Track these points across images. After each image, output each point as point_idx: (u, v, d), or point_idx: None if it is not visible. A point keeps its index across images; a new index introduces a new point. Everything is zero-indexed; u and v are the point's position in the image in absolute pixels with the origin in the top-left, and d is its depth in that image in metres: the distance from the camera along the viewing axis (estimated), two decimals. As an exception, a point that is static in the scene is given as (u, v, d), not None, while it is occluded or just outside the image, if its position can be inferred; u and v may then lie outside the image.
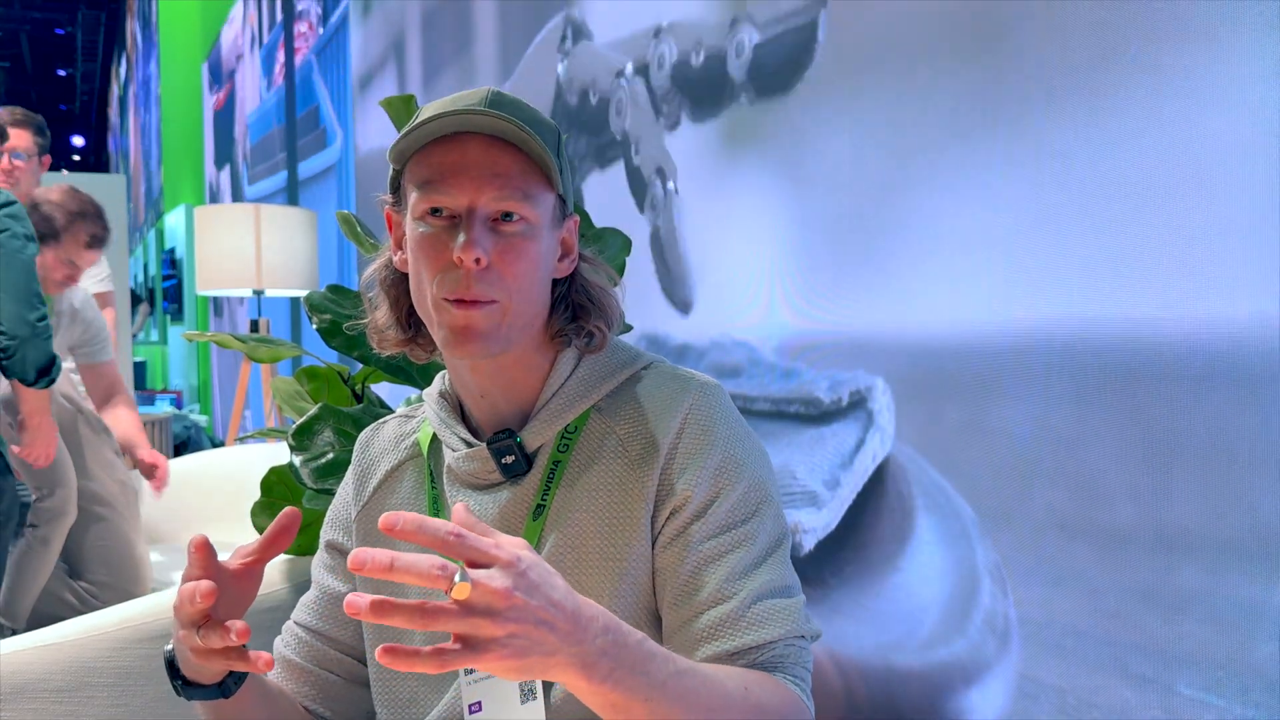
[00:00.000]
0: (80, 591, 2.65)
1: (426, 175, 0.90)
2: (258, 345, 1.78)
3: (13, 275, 2.23)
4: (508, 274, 0.89)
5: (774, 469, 0.99)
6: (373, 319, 1.00)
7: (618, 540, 0.92)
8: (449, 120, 0.88)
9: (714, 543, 0.91)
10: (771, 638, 0.89)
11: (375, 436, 1.09)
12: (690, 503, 0.92)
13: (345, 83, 4.65)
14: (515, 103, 0.92)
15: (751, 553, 0.91)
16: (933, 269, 1.55)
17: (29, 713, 1.48)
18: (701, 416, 0.94)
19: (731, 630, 0.89)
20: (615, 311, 0.99)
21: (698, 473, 0.92)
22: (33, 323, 2.23)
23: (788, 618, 0.90)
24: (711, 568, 0.90)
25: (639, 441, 0.94)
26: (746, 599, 0.89)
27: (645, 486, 0.92)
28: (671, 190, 2.18)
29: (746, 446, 0.95)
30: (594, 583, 0.92)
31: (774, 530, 0.94)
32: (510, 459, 0.95)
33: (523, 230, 0.90)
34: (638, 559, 0.92)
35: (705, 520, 0.91)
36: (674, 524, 0.92)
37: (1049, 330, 1.36)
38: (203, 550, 0.84)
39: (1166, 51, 1.21)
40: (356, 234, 1.74)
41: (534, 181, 0.90)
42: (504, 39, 3.03)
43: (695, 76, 2.11)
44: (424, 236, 0.90)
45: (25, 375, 2.26)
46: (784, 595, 0.91)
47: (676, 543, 0.92)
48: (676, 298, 2.19)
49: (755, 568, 0.91)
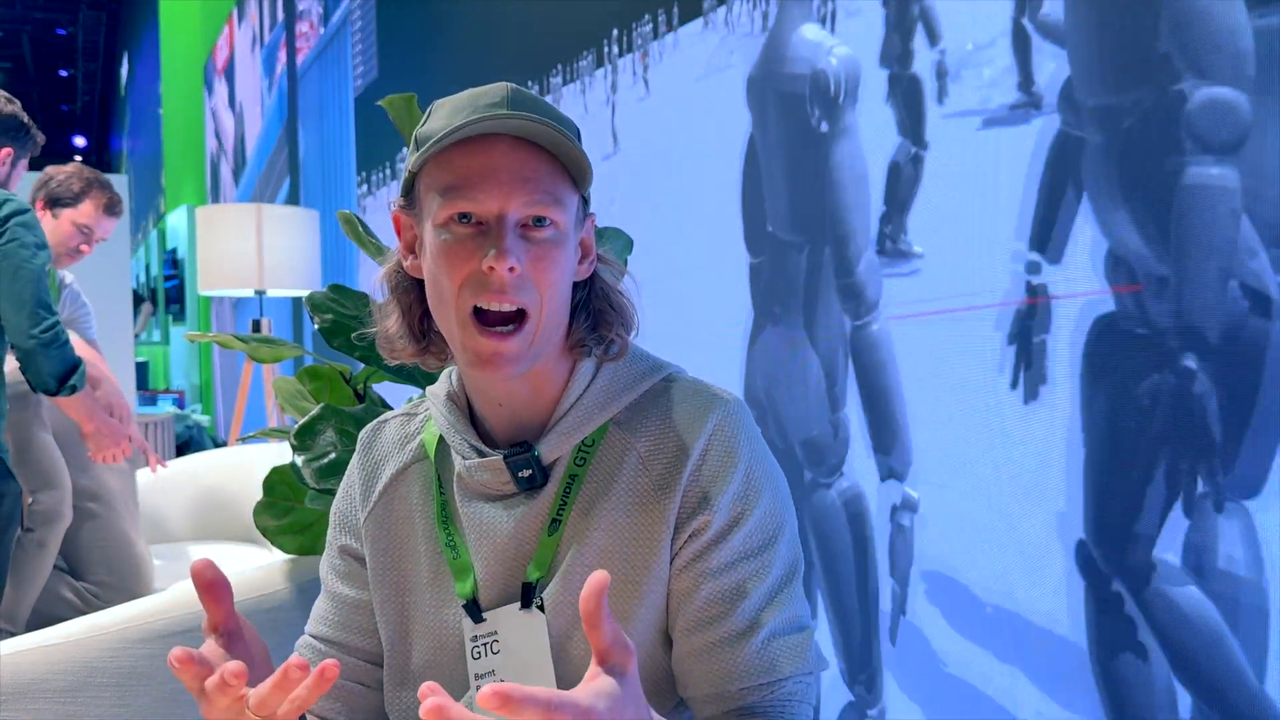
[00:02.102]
0: (82, 591, 2.64)
1: (450, 180, 0.85)
2: (259, 345, 1.78)
3: (17, 287, 2.19)
4: (541, 282, 0.86)
5: (789, 492, 0.97)
6: (383, 328, 0.96)
7: (637, 562, 0.90)
8: (480, 124, 0.83)
9: (731, 572, 0.89)
10: (783, 675, 0.89)
11: (377, 437, 1.05)
12: (710, 528, 0.89)
13: (347, 89, 4.65)
14: (536, 100, 0.88)
15: (767, 583, 0.90)
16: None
17: (31, 713, 1.47)
18: (726, 437, 0.91)
19: (746, 669, 0.88)
20: (633, 314, 0.95)
21: (720, 497, 0.89)
22: (37, 335, 2.19)
23: (799, 654, 0.90)
24: (727, 598, 0.89)
25: (662, 460, 0.91)
26: (762, 635, 0.88)
27: (667, 508, 0.89)
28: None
29: (766, 468, 0.93)
30: (612, 604, 0.89)
31: (789, 558, 0.92)
32: (527, 473, 0.92)
33: (553, 236, 0.86)
34: (656, 581, 0.90)
35: (723, 546, 0.89)
36: (692, 547, 0.89)
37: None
38: (211, 589, 0.78)
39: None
40: (358, 234, 1.74)
41: (562, 184, 0.87)
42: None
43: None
44: (448, 245, 0.86)
45: (47, 386, 2.24)
46: (797, 630, 0.90)
47: (693, 567, 0.89)
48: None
49: (770, 600, 0.90)
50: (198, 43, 9.46)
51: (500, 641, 0.92)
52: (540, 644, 0.90)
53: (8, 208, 2.24)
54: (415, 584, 0.97)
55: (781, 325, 1.93)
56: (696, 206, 2.18)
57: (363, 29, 4.43)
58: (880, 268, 1.70)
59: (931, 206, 1.60)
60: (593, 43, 2.57)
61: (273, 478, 1.75)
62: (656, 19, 2.28)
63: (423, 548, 0.97)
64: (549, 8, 2.80)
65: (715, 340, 2.12)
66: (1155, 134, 1.25)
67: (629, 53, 2.40)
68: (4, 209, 2.23)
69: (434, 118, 0.88)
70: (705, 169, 2.15)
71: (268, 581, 1.75)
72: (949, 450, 1.58)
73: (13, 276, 2.19)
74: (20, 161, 2.53)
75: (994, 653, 1.50)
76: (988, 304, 1.49)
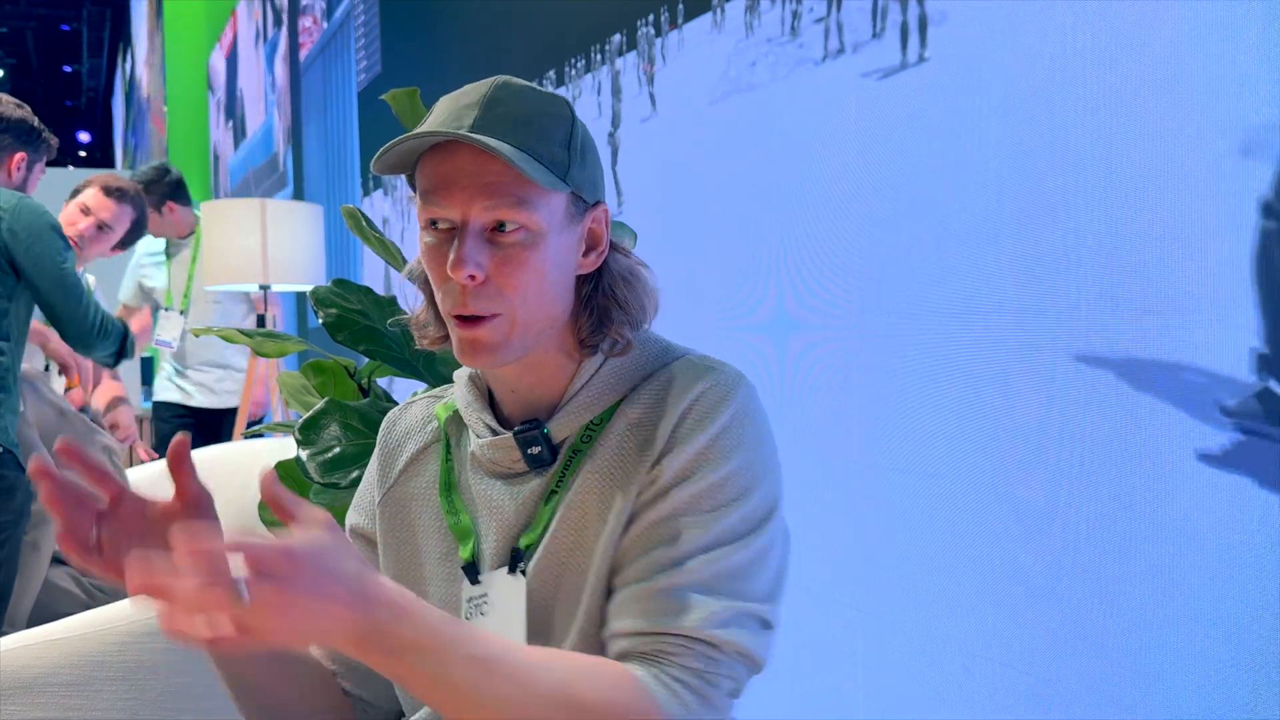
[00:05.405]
0: (85, 584, 2.64)
1: (425, 185, 0.88)
2: (264, 340, 1.78)
3: (59, 295, 2.36)
4: (507, 286, 0.87)
5: (782, 483, 0.94)
6: (415, 314, 0.99)
7: (611, 525, 0.90)
8: (435, 137, 0.85)
9: (670, 522, 0.87)
10: (667, 629, 0.84)
11: (402, 416, 1.08)
12: (659, 480, 0.88)
13: (350, 85, 4.65)
14: (519, 97, 0.89)
15: (707, 539, 0.86)
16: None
17: (37, 708, 1.48)
18: (708, 403, 0.90)
19: (635, 608, 0.85)
20: (643, 307, 0.95)
21: (680, 454, 0.88)
22: (95, 327, 2.44)
23: (705, 617, 0.84)
24: (659, 541, 0.87)
25: (648, 425, 0.91)
26: (683, 580, 0.85)
27: (641, 467, 0.90)
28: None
29: (743, 439, 0.89)
30: (590, 564, 0.90)
31: (742, 529, 0.87)
32: (536, 450, 0.93)
33: (522, 239, 0.87)
34: (612, 535, 0.90)
35: (668, 498, 0.88)
36: (642, 499, 0.89)
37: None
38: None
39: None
40: (362, 229, 1.74)
41: (532, 186, 0.86)
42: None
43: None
44: (428, 247, 0.89)
45: (107, 363, 2.56)
46: (725, 597, 0.85)
47: (639, 518, 0.89)
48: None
49: (704, 554, 0.85)
50: (201, 38, 9.47)
51: (489, 603, 0.94)
52: (518, 607, 0.92)
53: (23, 218, 2.27)
54: (427, 558, 1.00)
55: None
56: (704, 201, 2.17)
57: (365, 23, 4.43)
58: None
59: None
60: (598, 37, 2.56)
61: (277, 472, 1.75)
62: (658, 16, 2.27)
63: (436, 523, 1.00)
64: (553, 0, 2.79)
65: (724, 336, 2.11)
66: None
67: (631, 50, 2.39)
68: (20, 219, 2.27)
69: (430, 115, 0.90)
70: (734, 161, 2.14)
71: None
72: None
73: (58, 285, 2.36)
74: (36, 165, 2.56)
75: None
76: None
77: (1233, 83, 1.16)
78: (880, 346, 1.69)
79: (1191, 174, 1.21)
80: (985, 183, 1.49)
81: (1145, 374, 1.27)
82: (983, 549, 1.50)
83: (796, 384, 1.88)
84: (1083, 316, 1.34)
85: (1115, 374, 1.31)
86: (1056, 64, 1.37)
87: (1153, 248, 1.26)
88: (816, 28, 1.81)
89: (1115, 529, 1.30)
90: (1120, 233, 1.29)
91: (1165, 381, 1.25)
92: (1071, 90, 1.35)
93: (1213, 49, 1.18)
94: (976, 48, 1.49)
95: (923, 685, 1.62)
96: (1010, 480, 1.45)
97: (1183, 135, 1.22)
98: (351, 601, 0.71)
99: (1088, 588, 1.34)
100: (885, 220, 1.67)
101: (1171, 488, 1.24)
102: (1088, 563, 1.34)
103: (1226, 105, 1.17)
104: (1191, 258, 1.21)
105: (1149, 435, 1.26)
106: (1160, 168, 1.25)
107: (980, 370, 1.50)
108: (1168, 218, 1.24)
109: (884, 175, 1.67)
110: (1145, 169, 1.26)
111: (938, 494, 1.58)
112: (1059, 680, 1.38)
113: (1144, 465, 1.27)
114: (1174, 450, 1.23)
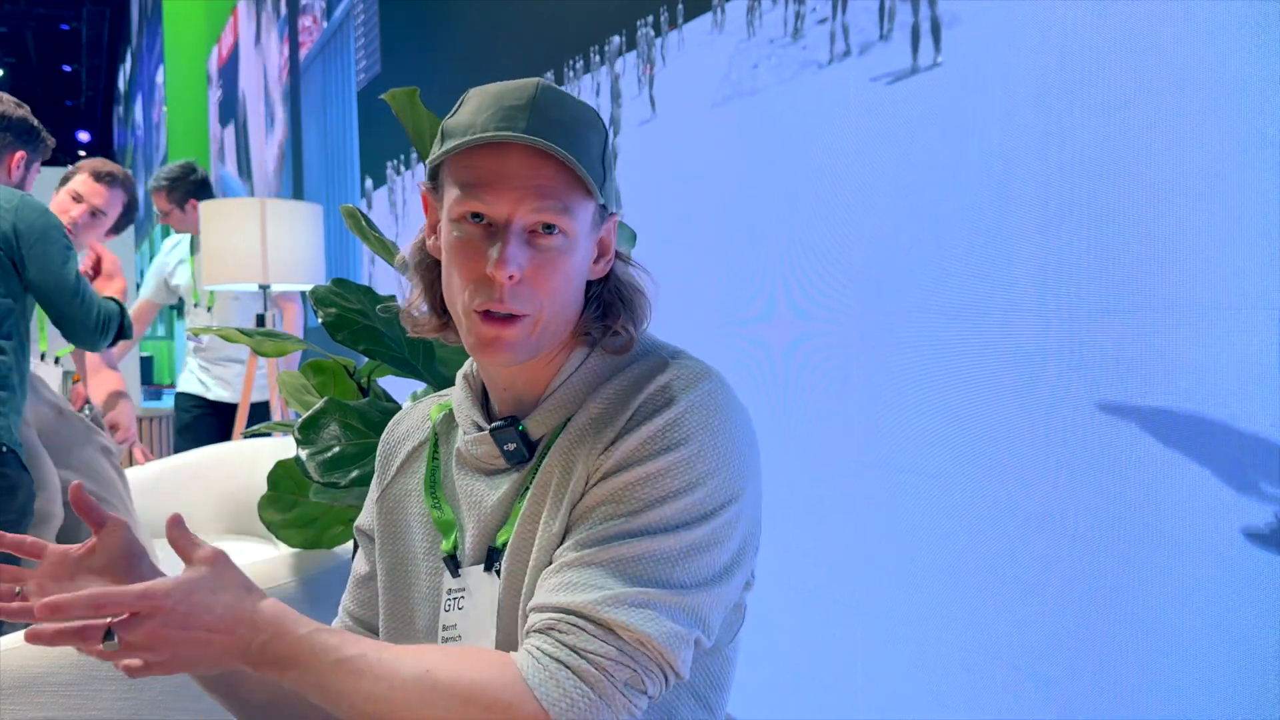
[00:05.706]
0: (87, 585, 2.64)
1: (467, 178, 0.88)
2: (264, 339, 1.78)
3: (64, 299, 2.36)
4: (541, 289, 0.88)
5: (758, 478, 0.92)
6: (408, 302, 1.00)
7: (562, 515, 0.90)
8: (496, 135, 0.86)
9: (596, 510, 0.86)
10: (560, 604, 0.83)
11: (405, 416, 1.10)
12: (601, 469, 0.88)
13: (350, 84, 4.65)
14: (560, 104, 0.89)
15: (633, 525, 0.85)
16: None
17: (36, 708, 1.47)
18: (665, 395, 0.89)
19: (543, 585, 0.86)
20: (645, 309, 0.97)
21: (624, 443, 0.88)
22: (98, 326, 2.44)
23: (604, 598, 0.82)
24: (583, 529, 0.86)
25: (604, 420, 0.91)
26: (586, 559, 0.84)
27: (589, 464, 0.89)
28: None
29: (698, 428, 0.87)
30: (544, 558, 0.90)
31: (694, 522, 0.85)
32: (512, 446, 0.94)
33: (559, 244, 0.88)
34: (559, 526, 0.90)
35: (603, 484, 0.87)
36: (585, 490, 0.89)
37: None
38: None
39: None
40: (361, 229, 1.74)
41: (575, 193, 0.88)
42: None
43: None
44: (459, 241, 0.89)
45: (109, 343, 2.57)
46: (637, 583, 0.83)
47: (576, 508, 0.89)
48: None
49: (626, 538, 0.84)
50: (201, 38, 9.46)
51: (467, 598, 0.96)
52: (490, 605, 0.94)
53: (27, 218, 2.27)
54: (416, 551, 1.02)
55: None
56: (702, 199, 2.17)
57: (365, 23, 4.42)
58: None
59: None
60: (598, 37, 2.56)
61: (277, 472, 1.75)
62: (658, 16, 2.27)
63: (423, 517, 1.03)
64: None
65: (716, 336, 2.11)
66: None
67: (631, 50, 2.39)
68: (21, 219, 2.27)
69: (463, 110, 0.90)
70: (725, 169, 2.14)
71: (273, 575, 1.76)
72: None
73: (58, 289, 2.36)
74: (34, 164, 2.57)
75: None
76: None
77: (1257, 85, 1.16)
78: (880, 347, 1.69)
79: (1192, 179, 1.21)
80: (987, 185, 1.48)
81: (1145, 375, 1.27)
82: (983, 549, 1.50)
83: (796, 384, 1.87)
84: (1083, 317, 1.34)
85: (1115, 375, 1.31)
86: (1057, 67, 1.37)
87: (1153, 250, 1.26)
88: (819, 29, 1.81)
89: (1115, 529, 1.30)
90: (1120, 234, 1.29)
91: (1165, 382, 1.25)
92: (1073, 93, 1.35)
93: (1217, 51, 1.18)
94: (986, 51, 1.49)
95: (923, 685, 1.61)
96: (1010, 480, 1.45)
97: (1186, 140, 1.22)
98: (228, 628, 0.79)
99: (1088, 588, 1.34)
100: (885, 221, 1.67)
101: (1172, 488, 1.24)
102: (1088, 563, 1.34)
103: (1247, 106, 1.17)
104: (1193, 260, 1.21)
105: (1149, 436, 1.26)
106: (1162, 171, 1.25)
107: (980, 371, 1.50)
108: (1168, 220, 1.24)
109: (885, 177, 1.67)
110: (1148, 172, 1.26)
111: (937, 494, 1.58)
112: (1059, 680, 1.38)
113: (1144, 466, 1.27)
114: (1174, 451, 1.23)
